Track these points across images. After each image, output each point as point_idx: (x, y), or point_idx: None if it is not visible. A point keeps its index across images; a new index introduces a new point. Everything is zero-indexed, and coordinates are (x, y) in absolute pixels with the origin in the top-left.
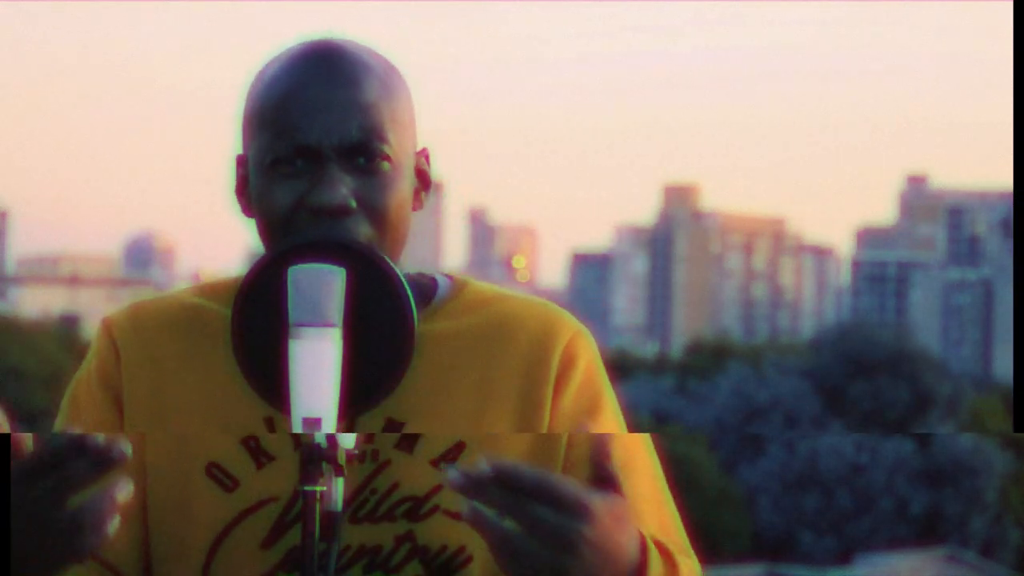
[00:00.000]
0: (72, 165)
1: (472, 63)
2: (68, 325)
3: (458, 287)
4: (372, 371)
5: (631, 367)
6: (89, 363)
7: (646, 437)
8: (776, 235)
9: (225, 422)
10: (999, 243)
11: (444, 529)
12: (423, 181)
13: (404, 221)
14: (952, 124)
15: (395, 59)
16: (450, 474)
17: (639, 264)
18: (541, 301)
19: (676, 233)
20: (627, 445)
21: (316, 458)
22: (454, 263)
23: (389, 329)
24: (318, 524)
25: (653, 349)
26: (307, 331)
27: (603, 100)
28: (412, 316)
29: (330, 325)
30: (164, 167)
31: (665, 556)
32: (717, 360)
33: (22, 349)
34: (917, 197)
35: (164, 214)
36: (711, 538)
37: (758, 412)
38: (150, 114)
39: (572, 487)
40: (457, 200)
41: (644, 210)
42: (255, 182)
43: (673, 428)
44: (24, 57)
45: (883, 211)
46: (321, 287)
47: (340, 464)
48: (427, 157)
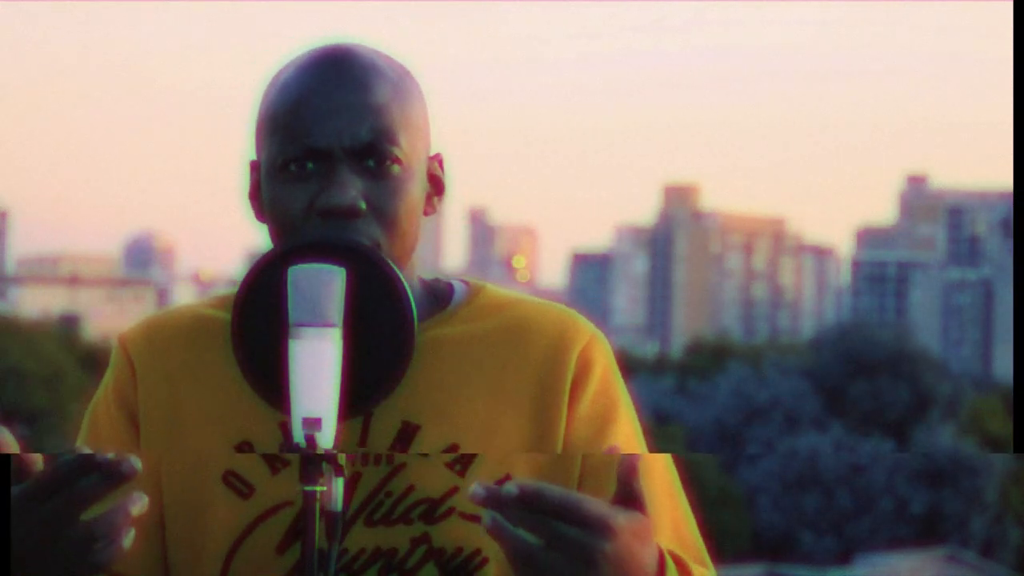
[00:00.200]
0: (72, 165)
1: (472, 63)
2: (68, 325)
3: (474, 292)
4: (372, 371)
5: (631, 367)
6: (107, 382)
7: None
8: (776, 235)
9: (240, 430)
10: (999, 243)
11: (460, 531)
12: (436, 186)
13: (414, 225)
14: (952, 124)
15: (399, 60)
16: (474, 490)
17: (639, 264)
18: (557, 305)
19: (676, 233)
20: (644, 455)
21: (315, 458)
22: (454, 263)
23: (389, 329)
24: (319, 524)
25: (653, 349)
26: (307, 331)
27: (603, 100)
28: (412, 316)
29: (330, 325)
30: (164, 167)
31: (680, 567)
32: (717, 360)
33: (22, 349)
34: (917, 197)
35: (164, 214)
36: (711, 538)
37: (758, 412)
38: (150, 114)
39: (596, 506)
40: (457, 200)
41: (644, 210)
42: (267, 185)
43: (673, 428)
44: (24, 57)
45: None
46: (321, 287)
47: (340, 464)
48: (440, 162)
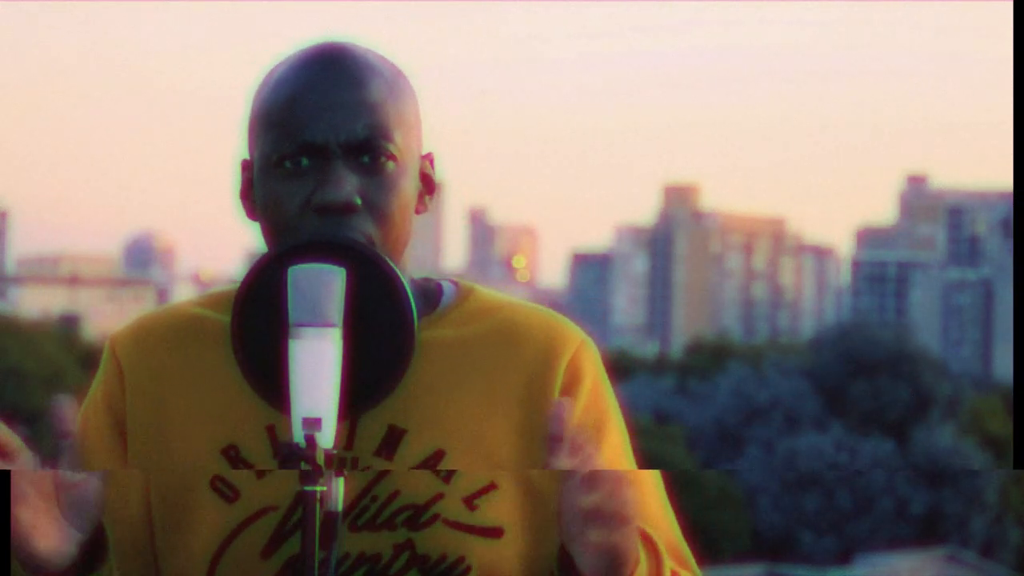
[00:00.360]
0: (72, 165)
1: (472, 63)
2: (68, 325)
3: (463, 294)
4: (372, 371)
5: (631, 367)
6: (96, 385)
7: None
8: (776, 235)
9: (227, 433)
10: (999, 243)
11: (444, 538)
12: (427, 185)
13: (407, 221)
14: (952, 124)
15: (395, 59)
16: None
17: (639, 264)
18: (546, 310)
19: (676, 233)
20: (633, 471)
21: (295, 459)
22: (454, 263)
23: (389, 329)
24: (318, 524)
25: (653, 349)
26: (307, 331)
27: (603, 100)
28: (412, 316)
29: (330, 325)
30: (164, 167)
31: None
32: (717, 360)
33: (22, 349)
34: (917, 197)
35: (164, 214)
36: (711, 538)
37: (758, 412)
38: (150, 114)
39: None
40: (457, 200)
41: (644, 210)
42: (260, 182)
43: (673, 428)
44: (24, 57)
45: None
46: (321, 287)
47: (319, 464)
48: (432, 161)
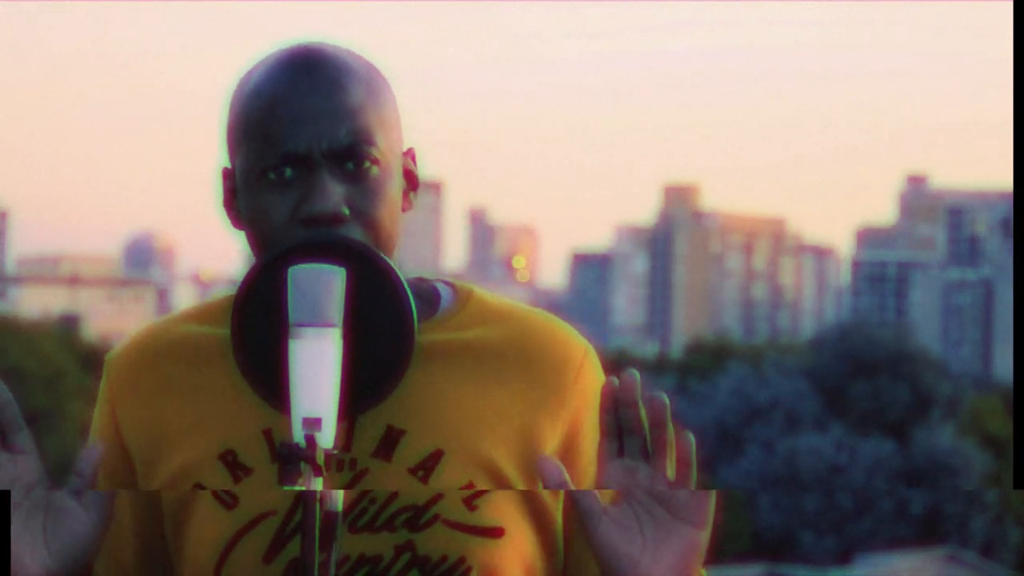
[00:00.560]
0: (72, 165)
1: (472, 63)
2: (68, 325)
3: (463, 298)
4: (372, 371)
5: (631, 367)
6: (97, 409)
7: None
8: (776, 235)
9: (224, 439)
10: (999, 243)
11: (444, 539)
12: (411, 182)
13: (395, 224)
14: (952, 124)
15: (396, 60)
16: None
17: (639, 264)
18: (548, 316)
19: (676, 233)
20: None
21: (295, 459)
22: (454, 263)
23: (389, 329)
24: (319, 525)
25: (653, 349)
26: (307, 331)
27: (603, 100)
28: (412, 316)
29: (330, 325)
30: (165, 167)
31: None
32: (717, 360)
33: (22, 349)
34: (917, 197)
35: (164, 214)
36: (711, 538)
37: (758, 412)
38: (150, 114)
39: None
40: (457, 200)
41: (644, 210)
42: (245, 193)
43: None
44: (24, 57)
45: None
46: (321, 287)
47: (319, 465)
48: (413, 157)
